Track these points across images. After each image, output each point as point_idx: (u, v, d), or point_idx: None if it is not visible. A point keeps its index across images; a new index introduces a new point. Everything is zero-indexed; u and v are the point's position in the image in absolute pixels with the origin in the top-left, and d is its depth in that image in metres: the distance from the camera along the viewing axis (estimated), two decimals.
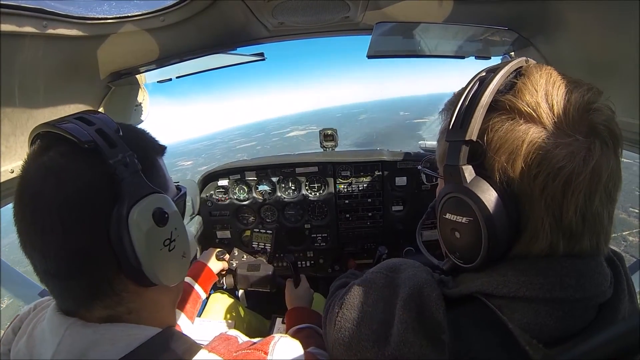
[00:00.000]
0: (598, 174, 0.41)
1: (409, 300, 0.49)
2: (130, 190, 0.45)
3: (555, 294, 0.43)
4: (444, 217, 0.50)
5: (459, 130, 0.46)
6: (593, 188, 0.41)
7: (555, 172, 0.40)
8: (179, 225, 0.51)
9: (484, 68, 0.52)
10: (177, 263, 0.51)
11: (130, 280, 0.47)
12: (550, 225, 0.42)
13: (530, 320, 0.43)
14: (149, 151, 0.53)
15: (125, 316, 0.48)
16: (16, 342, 0.51)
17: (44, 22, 0.77)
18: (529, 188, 0.42)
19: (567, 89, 0.44)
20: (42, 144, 0.46)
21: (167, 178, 0.56)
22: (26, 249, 0.44)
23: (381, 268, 0.59)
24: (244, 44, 1.33)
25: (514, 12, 1.04)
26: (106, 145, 0.44)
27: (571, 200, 0.41)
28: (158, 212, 0.46)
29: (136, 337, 0.46)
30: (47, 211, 0.42)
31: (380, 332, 0.48)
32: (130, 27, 0.96)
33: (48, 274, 0.44)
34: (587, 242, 0.44)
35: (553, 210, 0.42)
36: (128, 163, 0.45)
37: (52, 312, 0.48)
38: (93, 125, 0.46)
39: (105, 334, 0.45)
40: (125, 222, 0.43)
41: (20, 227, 0.44)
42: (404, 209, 1.83)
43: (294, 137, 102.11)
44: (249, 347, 0.53)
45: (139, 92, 1.39)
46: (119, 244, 0.44)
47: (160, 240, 0.47)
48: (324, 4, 1.07)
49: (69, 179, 0.43)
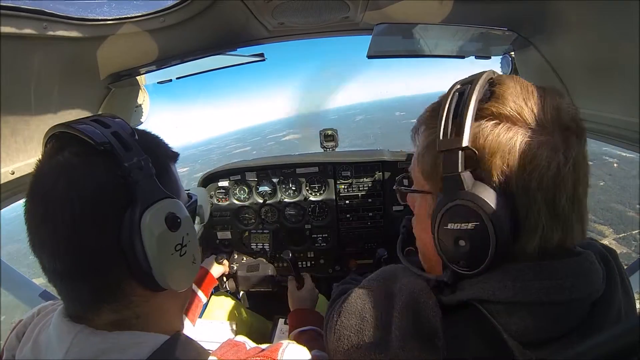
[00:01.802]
0: (579, 164, 0.45)
1: (406, 307, 0.50)
2: (144, 194, 0.45)
3: (552, 297, 0.44)
4: (444, 229, 0.49)
5: (453, 138, 0.47)
6: (576, 176, 0.45)
7: (546, 166, 0.44)
8: (190, 231, 0.51)
9: (456, 81, 0.54)
10: (187, 268, 0.51)
11: (140, 285, 0.46)
12: (546, 214, 0.45)
13: (528, 324, 0.44)
14: (162, 157, 0.53)
15: (133, 321, 0.47)
16: (21, 349, 0.51)
17: (44, 24, 0.77)
18: (525, 184, 0.45)
19: (539, 93, 0.48)
20: (57, 144, 0.46)
21: (179, 184, 0.56)
22: (35, 248, 0.44)
23: (378, 276, 0.60)
24: (244, 45, 1.33)
25: (514, 12, 1.04)
26: (121, 147, 0.45)
27: (562, 190, 0.44)
28: (171, 217, 0.46)
29: (145, 344, 0.46)
30: (59, 210, 0.42)
31: (378, 339, 0.50)
32: (130, 28, 0.96)
33: (56, 274, 0.44)
34: (577, 227, 0.47)
35: (548, 200, 0.45)
36: (143, 167, 0.45)
37: (58, 318, 0.47)
38: (109, 128, 0.46)
39: (114, 342, 0.44)
40: (137, 226, 0.43)
41: (31, 225, 0.44)
42: (404, 209, 1.83)
43: (289, 140, 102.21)
44: (258, 353, 0.53)
45: (139, 94, 1.39)
46: (130, 247, 0.43)
47: (172, 245, 0.47)
48: (324, 4, 1.07)
49: (83, 179, 0.43)
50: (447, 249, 0.50)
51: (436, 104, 0.56)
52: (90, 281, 0.44)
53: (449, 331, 0.47)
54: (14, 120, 0.83)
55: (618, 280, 0.51)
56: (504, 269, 0.47)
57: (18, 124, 0.84)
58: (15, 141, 0.85)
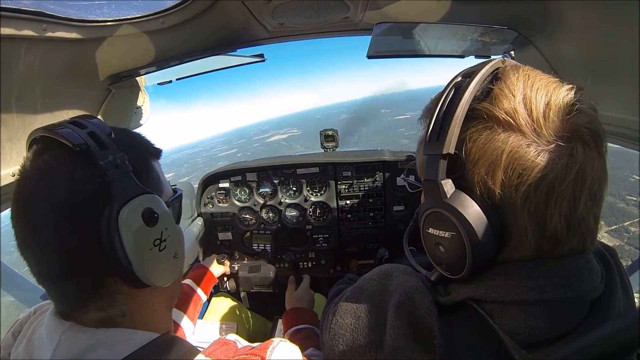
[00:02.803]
0: (582, 179, 0.39)
1: (401, 306, 0.49)
2: (121, 191, 0.45)
3: (545, 296, 0.42)
4: (427, 232, 0.49)
5: (436, 143, 0.44)
6: (577, 193, 0.40)
7: (537, 181, 0.39)
8: (169, 226, 0.50)
9: (460, 71, 0.49)
10: (168, 263, 0.51)
11: (123, 282, 0.47)
12: (534, 233, 0.41)
13: (521, 323, 0.43)
14: (142, 153, 0.53)
15: (119, 319, 0.48)
16: (16, 347, 0.52)
17: (44, 25, 0.77)
18: (510, 199, 0.41)
19: (547, 91, 0.42)
20: (38, 147, 0.47)
21: (161, 180, 0.56)
22: (22, 251, 0.45)
23: (373, 275, 0.59)
24: (244, 45, 1.33)
25: (514, 11, 1.04)
26: (97, 147, 0.45)
27: (555, 208, 0.40)
28: (147, 212, 0.47)
29: (133, 341, 0.47)
30: (40, 213, 0.43)
31: (373, 338, 0.49)
32: (130, 29, 0.96)
33: (42, 275, 0.45)
34: (574, 244, 0.43)
35: (537, 219, 0.41)
36: (119, 164, 0.45)
37: (49, 317, 0.48)
38: (85, 129, 0.46)
39: (101, 338, 0.45)
40: (115, 223, 0.44)
41: (17, 228, 0.44)
42: (405, 209, 1.83)
43: (274, 141, 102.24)
44: (247, 351, 0.53)
45: (139, 95, 1.39)
46: (110, 245, 0.44)
47: (149, 240, 0.47)
48: (324, 5, 1.07)
49: (62, 181, 0.44)
50: (431, 251, 0.50)
51: (436, 96, 0.51)
52: (74, 281, 0.45)
53: (445, 330, 0.46)
54: (15, 122, 0.83)
55: (618, 281, 0.49)
56: (497, 269, 0.46)
57: (18, 126, 0.84)
58: (16, 143, 0.85)
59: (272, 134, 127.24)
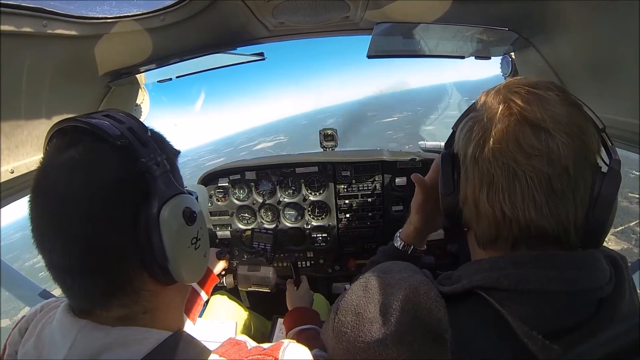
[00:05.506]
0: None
1: (405, 301, 0.49)
2: (161, 189, 0.45)
3: (554, 286, 0.44)
4: None
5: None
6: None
7: None
8: (203, 225, 0.53)
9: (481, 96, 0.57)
10: (199, 262, 0.53)
11: (151, 278, 0.47)
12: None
13: (529, 313, 0.44)
14: (170, 153, 0.54)
15: (140, 315, 0.48)
16: (23, 344, 0.51)
17: (44, 22, 0.77)
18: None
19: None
20: (68, 138, 0.45)
21: (182, 181, 0.56)
22: (44, 245, 0.43)
23: (374, 271, 0.59)
24: (244, 44, 1.33)
25: (514, 12, 1.04)
26: (138, 144, 0.45)
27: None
28: (188, 211, 0.48)
29: (148, 340, 0.46)
30: (74, 206, 0.42)
31: (377, 334, 0.49)
32: (130, 26, 0.96)
33: (67, 270, 0.44)
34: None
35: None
36: (159, 163, 0.46)
37: (62, 314, 0.47)
38: (123, 124, 0.46)
39: (117, 337, 0.44)
40: (156, 220, 0.44)
41: (40, 222, 0.43)
42: (404, 209, 1.82)
43: (261, 149, 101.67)
44: (260, 352, 0.53)
45: (138, 93, 1.39)
46: (147, 241, 0.44)
47: (188, 238, 0.49)
48: (324, 4, 1.07)
49: (98, 174, 0.43)
50: None
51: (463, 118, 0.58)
52: (103, 276, 0.44)
53: (453, 321, 0.46)
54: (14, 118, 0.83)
55: (626, 287, 0.50)
56: (508, 256, 0.47)
57: (18, 122, 0.84)
58: (15, 139, 0.85)
59: (258, 142, 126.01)
